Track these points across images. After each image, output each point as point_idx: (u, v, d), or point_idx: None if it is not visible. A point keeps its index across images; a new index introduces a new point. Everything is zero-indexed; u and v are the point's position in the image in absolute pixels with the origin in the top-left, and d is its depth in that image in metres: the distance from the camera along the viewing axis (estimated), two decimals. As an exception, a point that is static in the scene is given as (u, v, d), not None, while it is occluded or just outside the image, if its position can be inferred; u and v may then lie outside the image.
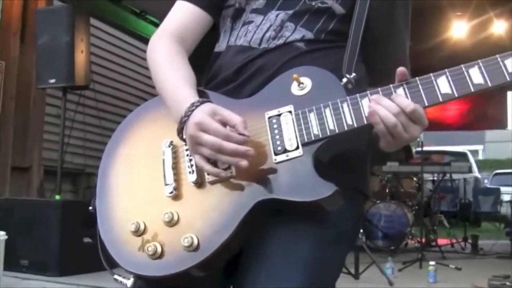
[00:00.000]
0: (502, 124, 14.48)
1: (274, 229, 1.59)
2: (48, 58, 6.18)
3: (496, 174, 21.87)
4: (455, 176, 12.29)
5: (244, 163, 1.48)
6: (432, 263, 6.21)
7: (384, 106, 1.45)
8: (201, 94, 1.67)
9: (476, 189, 16.74)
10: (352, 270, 6.07)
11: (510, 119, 14.81)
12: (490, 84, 1.43)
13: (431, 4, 8.28)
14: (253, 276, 1.59)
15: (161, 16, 1.91)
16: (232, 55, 1.76)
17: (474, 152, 29.94)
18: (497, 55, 1.44)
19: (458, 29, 9.53)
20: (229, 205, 1.54)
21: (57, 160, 6.41)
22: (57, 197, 6.16)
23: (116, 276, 1.66)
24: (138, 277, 1.60)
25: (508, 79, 1.42)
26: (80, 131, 8.57)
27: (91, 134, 8.90)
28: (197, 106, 1.54)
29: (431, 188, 11.36)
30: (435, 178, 10.66)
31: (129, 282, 1.62)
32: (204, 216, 1.55)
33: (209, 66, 1.86)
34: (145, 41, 9.69)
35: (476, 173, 18.85)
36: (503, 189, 15.84)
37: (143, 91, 10.27)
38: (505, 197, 14.61)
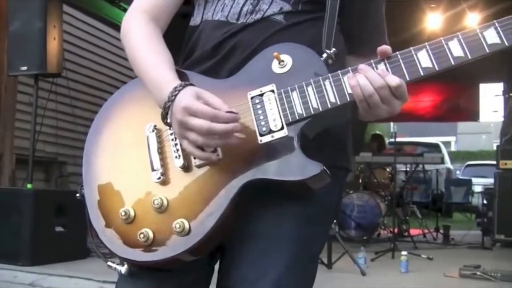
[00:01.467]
0: (475, 116, 14.58)
1: (259, 209, 1.60)
2: (20, 45, 6.11)
3: (468, 165, 22.12)
4: (427, 167, 12.38)
5: (233, 139, 1.48)
6: (404, 253, 6.26)
7: (367, 76, 1.45)
8: (180, 75, 1.65)
9: (448, 180, 16.88)
10: (325, 260, 6.10)
11: (482, 112, 14.93)
12: (470, 57, 1.43)
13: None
14: (240, 257, 1.61)
15: (135, 3, 1.88)
16: (210, 30, 1.73)
17: (447, 144, 30.23)
18: (476, 27, 1.44)
19: (433, 21, 9.59)
20: (217, 188, 1.53)
21: (29, 148, 6.34)
22: (29, 185, 6.11)
23: (109, 263, 1.63)
24: (132, 264, 1.59)
25: (487, 51, 1.43)
26: (52, 119, 8.49)
27: (64, 122, 8.83)
28: (179, 90, 1.52)
29: (404, 178, 11.46)
30: (408, 169, 10.75)
31: (123, 268, 1.60)
32: (193, 200, 1.55)
33: (185, 41, 1.83)
34: (119, 28, 9.59)
35: (448, 164, 19.02)
36: (474, 180, 16.01)
37: (116, 79, 10.21)
38: (477, 188, 14.76)
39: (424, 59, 1.46)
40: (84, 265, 5.88)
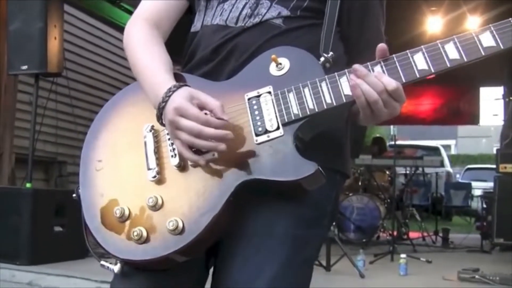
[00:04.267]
0: (475, 120, 14.60)
1: (254, 210, 1.61)
2: (20, 44, 6.11)
3: (468, 169, 22.09)
4: (427, 170, 12.39)
5: (222, 146, 1.49)
6: (403, 256, 6.26)
7: (368, 82, 1.46)
8: (178, 77, 1.67)
9: (448, 183, 16.85)
10: (324, 262, 6.10)
11: (482, 115, 14.92)
12: (465, 59, 1.45)
13: (406, -1, 8.32)
14: (234, 257, 1.62)
15: (136, 4, 1.90)
16: (209, 34, 1.76)
17: (447, 147, 30.20)
18: (472, 31, 1.46)
19: (433, 24, 9.60)
20: (212, 187, 1.55)
21: (29, 148, 6.34)
22: (28, 185, 6.10)
23: (102, 262, 1.64)
24: (125, 262, 1.61)
25: (483, 53, 1.44)
26: (52, 118, 8.49)
27: (64, 122, 8.82)
28: (174, 91, 1.54)
29: (404, 181, 11.44)
30: (408, 172, 10.74)
31: (116, 267, 1.61)
32: (188, 199, 1.56)
33: (186, 46, 1.85)
34: (120, 29, 9.62)
35: (448, 167, 19.02)
36: (474, 184, 16.00)
37: (116, 79, 10.21)
38: (476, 192, 14.76)
39: (420, 62, 1.48)
40: (82, 265, 5.87)
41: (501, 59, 1.53)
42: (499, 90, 14.26)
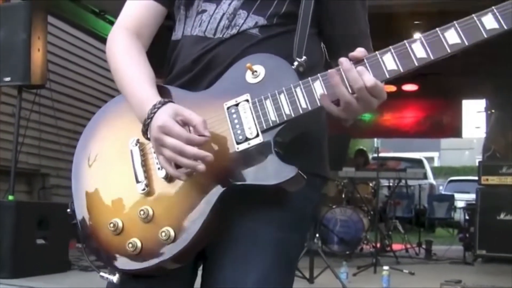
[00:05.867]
0: (457, 133, 14.69)
1: (239, 215, 1.68)
2: (4, 56, 6.07)
3: (451, 181, 22.20)
4: (410, 182, 12.43)
5: (201, 167, 1.54)
6: (386, 268, 6.27)
7: (349, 77, 1.50)
8: (159, 89, 1.71)
9: (431, 195, 16.97)
10: (307, 274, 6.10)
11: (465, 128, 15.02)
12: (432, 57, 1.49)
13: (390, 12, 8.37)
14: (222, 260, 1.69)
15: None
16: (189, 45, 1.81)
17: (430, 159, 30.33)
18: (437, 28, 1.50)
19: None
20: (199, 196, 1.61)
21: (11, 159, 6.30)
22: (11, 197, 6.05)
23: (102, 273, 1.71)
24: (123, 273, 1.67)
25: (448, 51, 1.49)
26: (35, 130, 8.44)
27: (47, 134, 8.77)
28: (158, 108, 1.59)
29: (387, 193, 11.48)
30: (391, 184, 10.78)
31: (115, 278, 1.68)
32: (177, 208, 1.63)
33: (168, 55, 1.90)
34: (104, 41, 9.52)
35: (431, 179, 19.12)
36: (457, 195, 16.11)
37: (100, 91, 10.19)
38: (459, 204, 14.81)
39: (389, 62, 1.52)
40: (65, 278, 5.85)
41: (483, 72, 1.56)
42: (481, 103, 14.37)
